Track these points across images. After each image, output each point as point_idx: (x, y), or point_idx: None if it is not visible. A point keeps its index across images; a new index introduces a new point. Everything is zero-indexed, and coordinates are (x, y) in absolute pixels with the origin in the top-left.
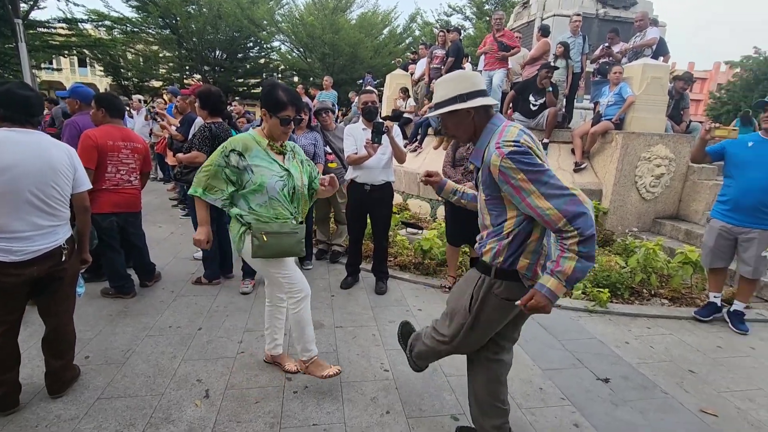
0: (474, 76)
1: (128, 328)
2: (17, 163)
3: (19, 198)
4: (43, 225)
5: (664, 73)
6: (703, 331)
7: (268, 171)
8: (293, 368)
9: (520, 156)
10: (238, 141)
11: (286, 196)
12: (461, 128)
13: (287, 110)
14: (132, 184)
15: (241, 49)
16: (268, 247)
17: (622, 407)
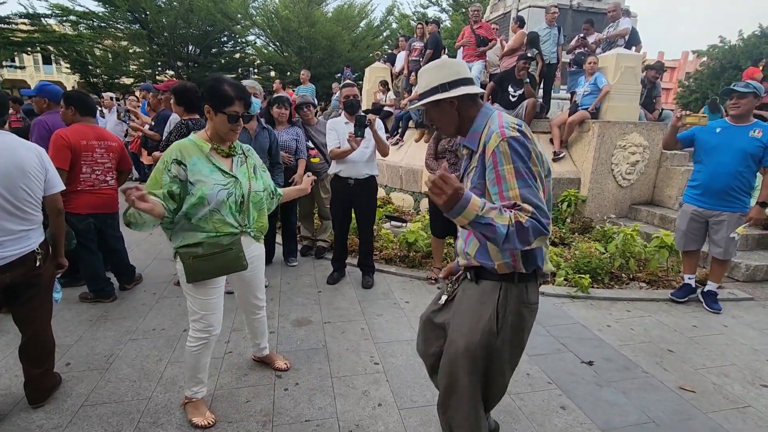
0: (457, 64)
1: (110, 333)
2: None
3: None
4: (14, 229)
5: (637, 63)
6: (680, 312)
7: (210, 180)
8: (283, 366)
9: (519, 145)
10: (177, 149)
11: (231, 207)
12: (445, 119)
13: (234, 105)
14: (108, 184)
15: (215, 44)
16: (199, 271)
17: (606, 388)
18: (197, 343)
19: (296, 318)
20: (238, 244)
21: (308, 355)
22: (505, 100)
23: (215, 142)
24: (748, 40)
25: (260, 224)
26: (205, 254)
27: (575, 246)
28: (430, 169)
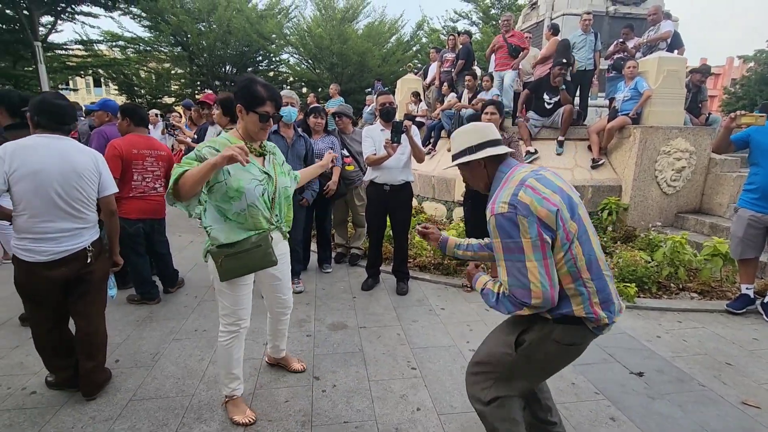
0: (485, 128)
1: (155, 333)
2: (43, 167)
3: (46, 200)
4: (68, 227)
5: (681, 66)
6: (737, 324)
7: (247, 174)
8: (299, 368)
9: (504, 221)
10: (212, 141)
11: (266, 203)
12: (476, 177)
13: (266, 105)
14: (157, 191)
15: (250, 63)
16: (229, 271)
17: (659, 400)
18: (228, 336)
19: (332, 322)
20: (266, 241)
21: (345, 359)
22: (541, 107)
23: (247, 142)
24: None
25: (288, 218)
26: (234, 253)
27: (618, 254)
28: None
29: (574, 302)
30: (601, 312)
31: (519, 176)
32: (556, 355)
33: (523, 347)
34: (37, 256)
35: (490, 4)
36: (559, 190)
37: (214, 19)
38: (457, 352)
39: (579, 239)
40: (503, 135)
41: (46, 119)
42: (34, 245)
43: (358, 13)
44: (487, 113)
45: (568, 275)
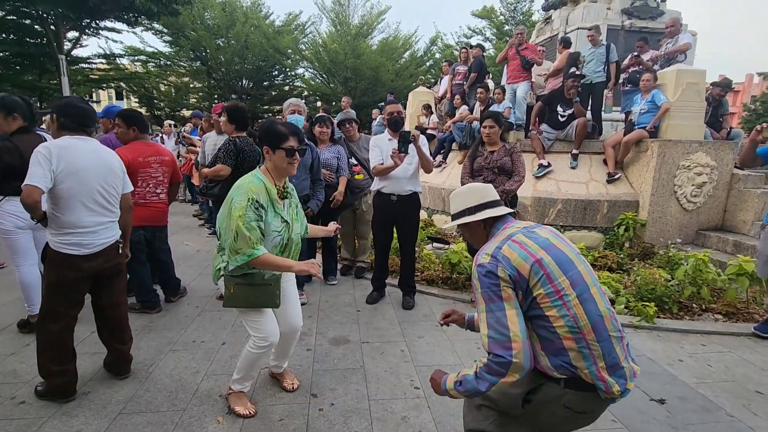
0: (483, 189)
1: (152, 343)
2: (88, 165)
3: (89, 196)
4: (103, 221)
5: (700, 79)
6: (765, 348)
7: (271, 226)
8: (289, 386)
9: (483, 273)
10: (256, 191)
11: (277, 248)
12: (475, 237)
13: (289, 141)
14: (159, 198)
15: (266, 77)
16: (236, 299)
17: (683, 431)
18: (257, 350)
19: (334, 336)
20: (277, 282)
21: (345, 375)
22: (554, 120)
23: (276, 181)
24: None
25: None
26: (245, 284)
27: (635, 272)
28: None
29: (578, 366)
30: (610, 378)
31: (508, 231)
32: (565, 419)
33: (531, 405)
34: (83, 249)
35: (504, 21)
36: (548, 245)
37: (232, 35)
38: None
39: (579, 297)
40: (504, 145)
41: (71, 121)
42: (80, 238)
43: (373, 29)
44: (486, 126)
45: (569, 334)
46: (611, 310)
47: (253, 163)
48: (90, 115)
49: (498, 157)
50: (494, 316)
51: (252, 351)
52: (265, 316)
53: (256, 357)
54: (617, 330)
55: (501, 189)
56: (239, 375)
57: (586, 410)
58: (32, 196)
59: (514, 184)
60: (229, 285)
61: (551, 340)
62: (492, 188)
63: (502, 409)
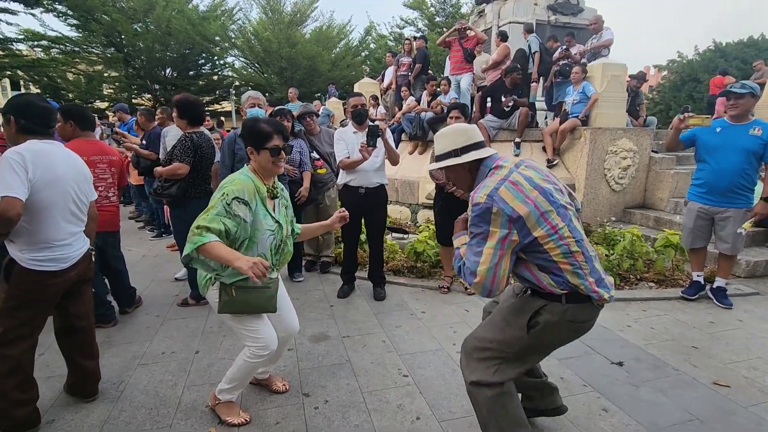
0: (470, 130)
1: (116, 359)
2: (64, 172)
3: (66, 207)
4: (75, 231)
5: (622, 72)
6: (693, 309)
7: (263, 224)
8: (281, 387)
9: (477, 211)
10: (243, 188)
11: (272, 250)
12: (460, 180)
13: (273, 140)
14: (110, 201)
15: (192, 66)
16: (235, 304)
17: (642, 387)
18: (256, 359)
19: (313, 334)
20: (276, 285)
21: (333, 371)
22: (498, 110)
23: (265, 181)
24: (704, 55)
25: (285, 262)
26: (245, 287)
27: None
28: (436, 180)
29: (575, 283)
30: (600, 289)
31: (503, 173)
32: (568, 334)
33: (536, 329)
34: (60, 264)
35: (435, 12)
36: (538, 186)
37: (151, 20)
38: (445, 356)
39: (568, 227)
40: None
41: (34, 123)
42: (57, 253)
43: (306, 17)
44: (452, 117)
45: (564, 259)
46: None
47: (211, 160)
48: (53, 115)
49: None
50: (472, 249)
51: (251, 361)
52: (263, 324)
53: (254, 367)
54: (593, 250)
55: None
56: (230, 385)
57: (586, 319)
58: (15, 208)
59: None
60: (230, 289)
61: (548, 266)
62: (477, 129)
63: (505, 352)
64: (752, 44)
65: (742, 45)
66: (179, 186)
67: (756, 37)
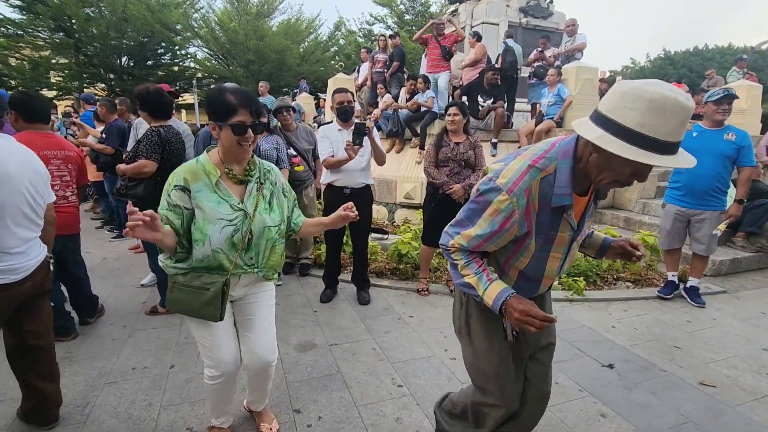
0: None
1: (79, 378)
2: (17, 171)
3: (18, 210)
4: (29, 237)
5: (594, 75)
6: (670, 308)
7: (215, 213)
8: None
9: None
10: (184, 172)
11: (234, 245)
12: None
13: (238, 114)
14: (68, 201)
15: (151, 56)
16: (174, 302)
17: (635, 390)
18: (209, 381)
19: (298, 342)
20: (217, 287)
21: (323, 383)
22: (475, 110)
23: (228, 165)
24: (655, 62)
25: (272, 262)
26: (182, 284)
27: None
28: (431, 177)
29: None
30: None
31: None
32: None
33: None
34: (13, 276)
35: (404, 10)
36: None
37: (105, 4)
38: (439, 363)
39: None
40: (468, 138)
41: None
42: (9, 263)
43: (274, 9)
44: (450, 114)
45: None
46: None
47: (182, 156)
48: (4, 105)
49: (464, 149)
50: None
51: (206, 381)
52: (214, 338)
53: (212, 390)
54: None
55: (467, 183)
56: (209, 408)
57: None
58: None
59: (478, 178)
60: (170, 283)
61: None
62: None
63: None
64: (697, 54)
65: (689, 54)
66: (145, 186)
67: (701, 47)
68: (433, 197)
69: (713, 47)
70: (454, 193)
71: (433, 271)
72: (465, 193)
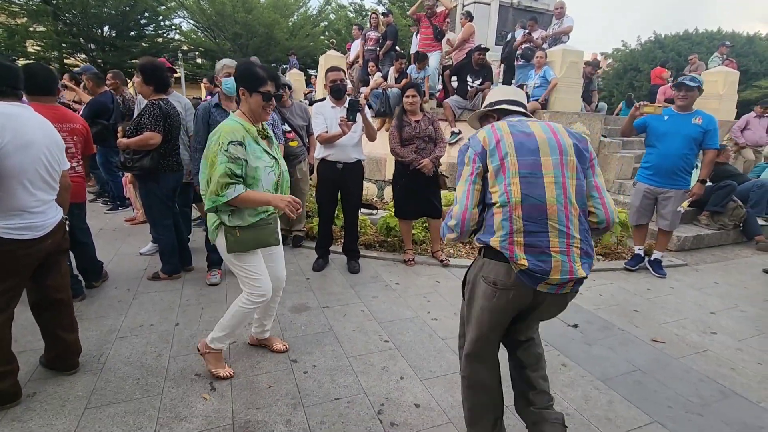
0: (513, 91)
1: (91, 333)
2: (36, 138)
3: (37, 174)
4: (47, 199)
5: (579, 58)
6: (634, 278)
7: (261, 161)
8: (281, 347)
9: (460, 153)
10: (231, 131)
11: (273, 184)
12: None
13: (267, 85)
14: (75, 171)
15: (134, 26)
16: (242, 242)
17: (594, 345)
18: (252, 306)
19: (293, 305)
20: (276, 221)
21: (317, 339)
22: (464, 90)
23: (254, 123)
24: (645, 45)
25: None
26: (248, 225)
27: None
28: (399, 156)
29: (496, 234)
30: (520, 252)
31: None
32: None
33: (467, 288)
34: (35, 232)
35: None
36: (520, 133)
37: None
38: (422, 322)
39: (522, 178)
40: (425, 115)
41: (6, 85)
42: (31, 221)
43: None
44: (408, 96)
45: (499, 208)
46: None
47: (179, 129)
48: (18, 75)
49: (425, 126)
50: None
51: (245, 307)
52: (261, 270)
53: (248, 313)
54: (565, 226)
55: (434, 156)
56: (223, 333)
57: (497, 281)
58: None
59: (441, 150)
60: (233, 231)
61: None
62: (522, 93)
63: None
64: (686, 38)
65: (678, 38)
66: (152, 157)
67: (690, 31)
68: (402, 173)
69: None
70: (424, 167)
71: (419, 243)
72: (433, 166)
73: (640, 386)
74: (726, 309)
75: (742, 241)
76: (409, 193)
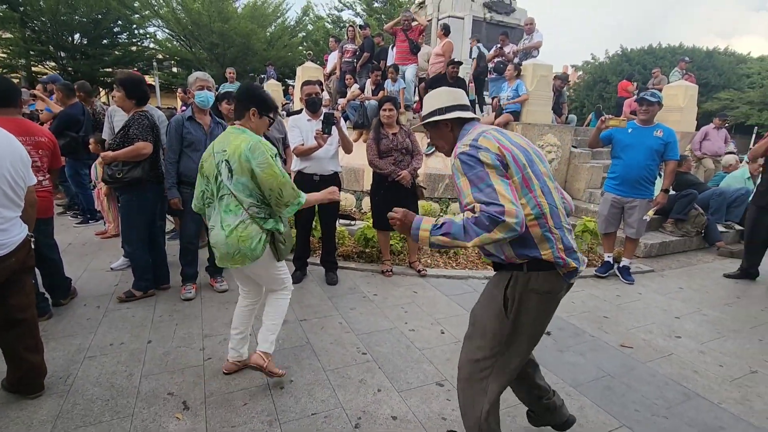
0: (456, 92)
1: (58, 353)
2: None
3: (1, 191)
4: (11, 216)
5: (549, 72)
6: (604, 285)
7: None
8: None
9: (467, 158)
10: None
11: None
12: (442, 139)
13: (273, 112)
14: (42, 186)
15: (106, 34)
16: (287, 248)
17: (566, 352)
18: (289, 295)
19: None
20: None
21: (294, 353)
22: None
23: None
24: (613, 59)
25: None
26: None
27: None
28: (378, 168)
29: (541, 248)
30: (568, 258)
31: (480, 129)
32: (538, 310)
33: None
34: None
35: None
36: (516, 144)
37: None
38: (399, 334)
39: (542, 190)
40: (402, 128)
41: None
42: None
43: None
44: (386, 109)
45: (535, 221)
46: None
47: (159, 140)
48: None
49: (402, 138)
50: (484, 192)
51: (287, 299)
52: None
53: (287, 305)
54: (568, 223)
55: (412, 167)
56: (275, 333)
57: (551, 289)
58: None
59: (419, 162)
60: (284, 240)
61: None
62: (464, 93)
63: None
64: (651, 52)
65: (643, 52)
66: (143, 167)
67: (654, 46)
68: (381, 185)
69: (666, 46)
70: (402, 178)
71: (396, 254)
72: (411, 178)
73: (610, 391)
74: (690, 313)
75: (704, 247)
76: (387, 205)
